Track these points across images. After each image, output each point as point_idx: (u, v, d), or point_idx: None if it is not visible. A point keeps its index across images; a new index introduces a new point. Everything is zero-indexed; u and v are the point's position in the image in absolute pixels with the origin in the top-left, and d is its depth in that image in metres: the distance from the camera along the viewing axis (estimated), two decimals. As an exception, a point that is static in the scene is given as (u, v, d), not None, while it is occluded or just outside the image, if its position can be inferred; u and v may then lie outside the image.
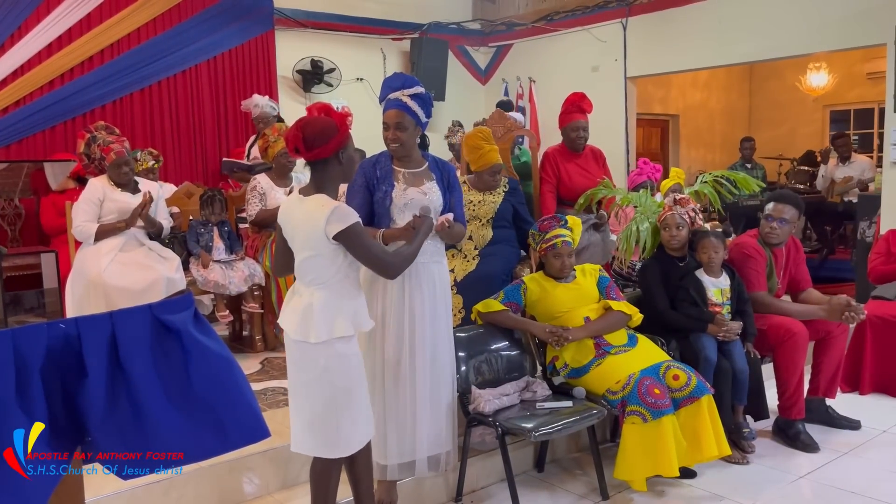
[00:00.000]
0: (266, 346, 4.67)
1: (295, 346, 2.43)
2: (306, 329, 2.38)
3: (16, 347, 1.28)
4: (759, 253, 3.84)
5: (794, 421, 3.72)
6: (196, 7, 6.97)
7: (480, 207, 3.92)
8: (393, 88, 2.89)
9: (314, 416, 2.42)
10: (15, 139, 6.10)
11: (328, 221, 2.33)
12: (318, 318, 2.37)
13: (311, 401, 2.41)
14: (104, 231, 3.99)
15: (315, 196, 2.43)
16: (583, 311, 3.39)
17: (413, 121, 2.87)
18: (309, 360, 2.40)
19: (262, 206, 4.55)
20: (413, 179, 2.90)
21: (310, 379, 2.40)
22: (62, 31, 6.27)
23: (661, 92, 10.01)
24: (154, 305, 1.42)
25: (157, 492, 2.74)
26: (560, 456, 3.65)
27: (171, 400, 1.39)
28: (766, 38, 6.92)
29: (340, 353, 2.40)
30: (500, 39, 9.31)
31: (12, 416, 1.26)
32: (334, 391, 2.39)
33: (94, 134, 4.15)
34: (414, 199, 2.85)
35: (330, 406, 2.40)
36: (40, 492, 1.32)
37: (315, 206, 2.39)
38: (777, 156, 9.75)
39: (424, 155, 3.01)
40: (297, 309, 2.43)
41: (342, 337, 2.40)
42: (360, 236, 2.40)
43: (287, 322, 2.45)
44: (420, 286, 2.84)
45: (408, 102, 2.84)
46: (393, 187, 2.87)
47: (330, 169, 2.45)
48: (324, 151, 2.39)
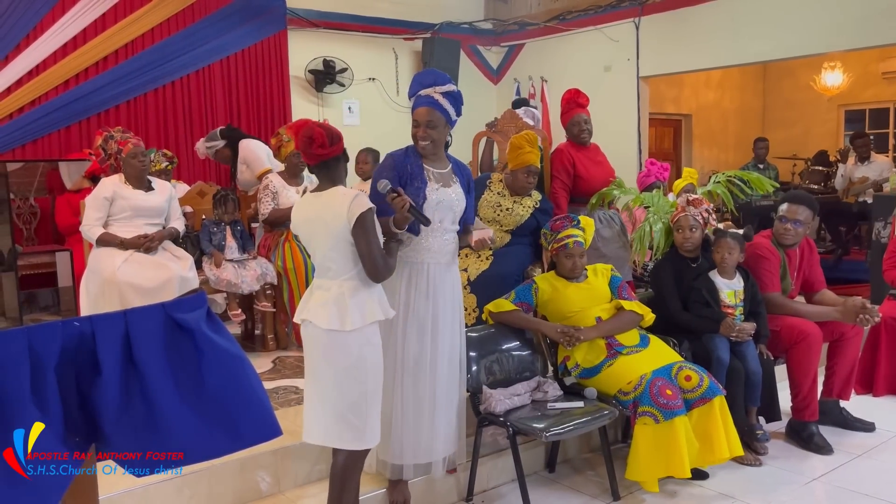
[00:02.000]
0: (278, 345, 4.69)
1: (327, 337, 2.44)
2: (342, 318, 2.42)
3: (31, 345, 1.29)
4: (773, 253, 3.81)
5: (807, 423, 3.70)
6: (209, 7, 7.01)
7: (507, 216, 3.92)
8: (424, 85, 2.83)
9: (345, 408, 2.43)
10: (30, 139, 6.16)
11: (351, 207, 2.40)
12: (352, 305, 2.43)
13: (343, 392, 2.43)
14: (105, 240, 4.02)
15: (334, 188, 2.52)
16: (595, 310, 3.38)
17: (444, 119, 2.81)
18: (343, 349, 2.43)
19: (275, 205, 4.57)
20: (442, 179, 2.86)
21: (344, 368, 2.43)
22: (77, 31, 6.33)
23: (674, 91, 9.97)
24: (167, 304, 1.43)
25: (169, 489, 2.76)
26: (571, 456, 3.64)
27: (183, 398, 1.40)
28: (781, 37, 6.87)
29: (372, 342, 2.47)
30: (512, 39, 9.30)
31: (27, 414, 1.27)
32: (367, 379, 2.44)
33: (111, 133, 4.21)
34: (445, 201, 2.82)
35: (362, 396, 2.44)
36: (54, 489, 1.33)
37: (336, 196, 2.47)
38: (791, 156, 9.68)
39: (447, 156, 2.97)
40: (326, 301, 2.46)
41: (373, 323, 2.47)
42: (372, 225, 2.45)
43: (316, 314, 2.47)
44: (441, 288, 2.84)
45: (439, 100, 2.78)
46: (426, 184, 2.80)
47: (340, 166, 2.57)
48: (338, 149, 2.54)
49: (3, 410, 1.25)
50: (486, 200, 3.96)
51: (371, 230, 2.44)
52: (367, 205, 2.43)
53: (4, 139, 6.04)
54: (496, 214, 3.93)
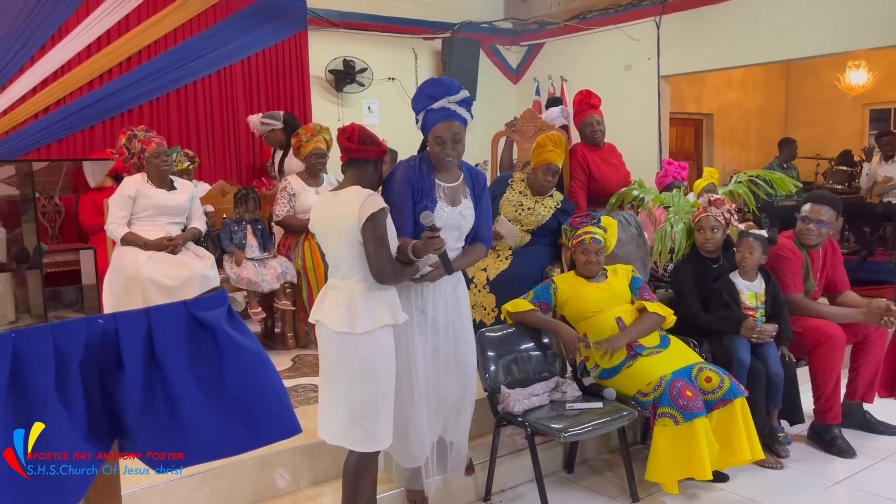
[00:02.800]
0: (297, 344, 4.72)
1: (338, 339, 2.44)
2: (352, 321, 2.41)
3: (56, 342, 1.31)
4: (795, 254, 3.77)
5: (830, 426, 3.66)
6: (231, 8, 7.06)
7: (528, 216, 3.92)
8: (435, 97, 2.63)
9: (356, 410, 2.43)
10: (55, 139, 6.25)
11: (362, 206, 2.38)
12: (363, 308, 2.41)
13: (355, 394, 2.43)
14: (129, 240, 4.07)
15: (350, 188, 2.49)
16: (614, 311, 3.36)
17: (464, 128, 2.69)
18: (354, 352, 2.42)
19: (291, 207, 4.59)
20: (452, 196, 2.73)
21: (355, 370, 2.42)
22: (101, 32, 6.40)
23: (695, 91, 9.88)
24: (189, 302, 1.44)
25: (189, 486, 2.78)
26: (590, 457, 3.62)
27: (205, 395, 1.41)
28: (804, 35, 6.79)
29: (383, 345, 2.45)
30: (531, 38, 9.28)
31: (52, 410, 1.29)
32: (378, 382, 2.43)
33: (135, 132, 4.27)
34: (452, 221, 2.69)
35: (373, 398, 2.43)
36: (77, 487, 1.35)
37: (350, 195, 2.45)
38: (814, 155, 9.56)
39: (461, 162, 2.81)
40: (338, 303, 2.46)
41: (385, 326, 2.44)
42: (382, 227, 2.42)
43: (328, 316, 2.47)
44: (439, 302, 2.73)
45: (457, 110, 2.64)
46: (435, 204, 2.66)
47: (367, 171, 2.54)
48: (369, 152, 2.53)
49: (29, 406, 1.27)
50: (508, 199, 3.96)
51: (380, 232, 2.41)
52: (378, 205, 2.40)
53: (30, 139, 6.13)
54: (517, 214, 3.93)
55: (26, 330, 1.30)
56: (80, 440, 1.33)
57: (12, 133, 6.05)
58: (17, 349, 1.27)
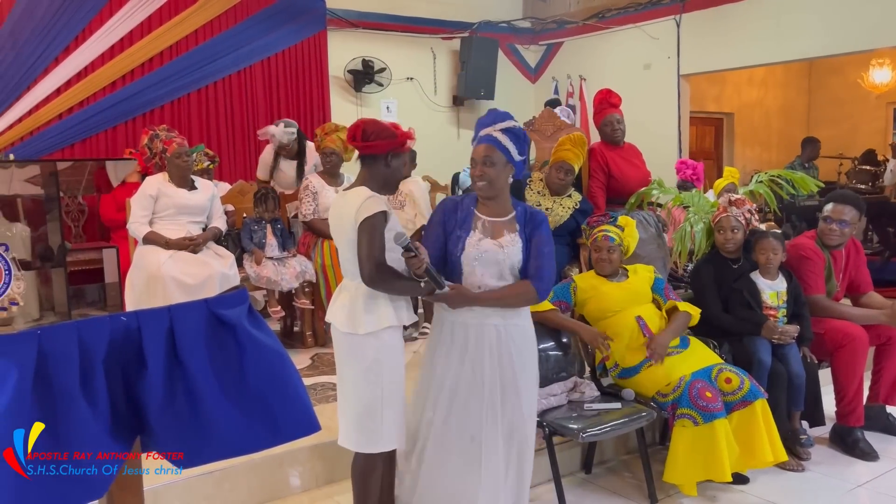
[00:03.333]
0: (316, 342, 4.74)
1: (344, 340, 2.46)
2: (356, 321, 2.41)
3: (80, 339, 1.33)
4: (817, 254, 3.73)
5: (852, 428, 3.62)
6: (251, 9, 7.12)
7: (546, 216, 3.92)
8: (484, 125, 2.57)
9: (361, 410, 2.43)
10: (79, 139, 6.34)
11: (360, 208, 2.37)
12: (365, 309, 2.41)
13: (359, 394, 2.43)
14: (151, 239, 4.12)
15: (356, 189, 2.48)
16: (634, 310, 3.34)
17: (503, 157, 2.49)
18: (359, 353, 2.42)
19: (316, 206, 4.63)
20: (492, 229, 2.53)
21: (360, 371, 2.42)
22: (124, 33, 6.49)
23: (716, 89, 9.80)
24: (210, 300, 1.46)
25: (210, 483, 2.81)
26: (608, 458, 3.61)
27: (225, 392, 1.43)
28: (827, 33, 6.71)
29: (389, 346, 2.44)
30: (550, 37, 9.25)
31: (77, 405, 1.31)
32: (382, 383, 2.42)
33: (157, 132, 4.32)
34: (487, 253, 2.49)
35: (377, 399, 2.42)
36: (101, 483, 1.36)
37: (353, 196, 2.44)
38: (837, 155, 9.45)
39: (515, 202, 2.61)
40: (344, 303, 2.47)
41: (390, 327, 2.42)
42: (373, 229, 2.36)
43: (335, 316, 2.49)
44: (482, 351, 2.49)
45: (498, 137, 2.49)
46: (468, 234, 2.52)
47: (377, 168, 2.50)
48: (377, 147, 2.46)
49: (54, 402, 1.29)
50: (527, 199, 3.97)
51: (373, 235, 2.36)
52: (375, 209, 2.36)
53: (54, 139, 6.22)
54: None
55: (52, 327, 1.32)
56: (103, 436, 1.35)
57: (37, 133, 6.15)
58: (43, 346, 1.29)
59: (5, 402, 1.23)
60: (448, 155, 7.34)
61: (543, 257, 2.52)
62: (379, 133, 2.46)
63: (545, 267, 2.52)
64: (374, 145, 2.46)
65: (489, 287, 2.50)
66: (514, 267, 2.51)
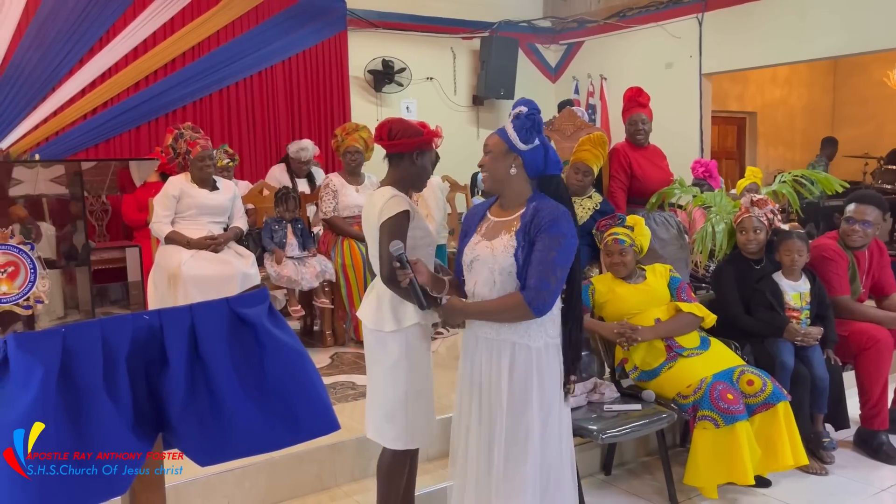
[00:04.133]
0: (336, 341, 4.76)
1: (372, 337, 2.50)
2: (381, 319, 2.44)
3: (104, 337, 1.34)
4: (840, 255, 3.69)
5: (877, 431, 3.57)
6: (272, 10, 7.17)
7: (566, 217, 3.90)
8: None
9: (389, 407, 2.46)
10: (103, 139, 6.42)
11: (383, 208, 2.39)
12: (390, 307, 2.43)
13: (386, 391, 2.46)
14: (173, 239, 4.17)
15: (382, 188, 2.50)
16: (653, 312, 3.32)
17: (505, 145, 2.22)
18: (384, 350, 2.45)
19: (336, 204, 4.65)
20: (493, 230, 2.27)
21: (385, 368, 2.45)
22: (147, 35, 6.56)
23: (738, 88, 9.70)
24: (231, 299, 1.46)
25: (230, 480, 2.83)
26: (628, 459, 3.59)
27: (246, 390, 1.43)
28: (852, 31, 6.62)
29: (413, 344, 2.45)
30: (570, 37, 9.21)
31: (100, 402, 1.32)
32: (409, 379, 2.44)
33: (182, 131, 4.36)
34: (479, 257, 2.25)
35: (404, 396, 2.44)
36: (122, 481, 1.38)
37: (378, 196, 2.47)
38: (863, 154, 9.31)
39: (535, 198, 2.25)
40: (371, 301, 2.51)
41: (414, 325, 2.43)
42: (392, 227, 2.35)
43: (364, 313, 2.53)
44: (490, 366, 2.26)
45: (506, 125, 2.26)
46: (471, 237, 2.33)
47: (404, 166, 2.51)
48: (403, 146, 2.47)
49: (79, 398, 1.31)
50: None
51: (390, 231, 2.34)
52: (397, 208, 2.36)
53: (79, 139, 6.30)
54: None
55: (76, 325, 1.34)
56: (126, 433, 1.36)
57: (62, 134, 6.23)
58: (67, 344, 1.30)
59: (30, 398, 1.25)
60: (467, 155, 7.32)
61: (538, 264, 2.13)
62: (405, 131, 2.47)
63: (536, 275, 2.12)
64: (401, 143, 2.47)
65: (481, 296, 2.24)
66: (505, 272, 2.19)
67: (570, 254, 2.18)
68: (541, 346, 2.21)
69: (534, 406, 2.20)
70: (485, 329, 2.26)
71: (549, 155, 2.26)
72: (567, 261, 2.17)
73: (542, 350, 2.21)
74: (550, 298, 2.16)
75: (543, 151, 2.24)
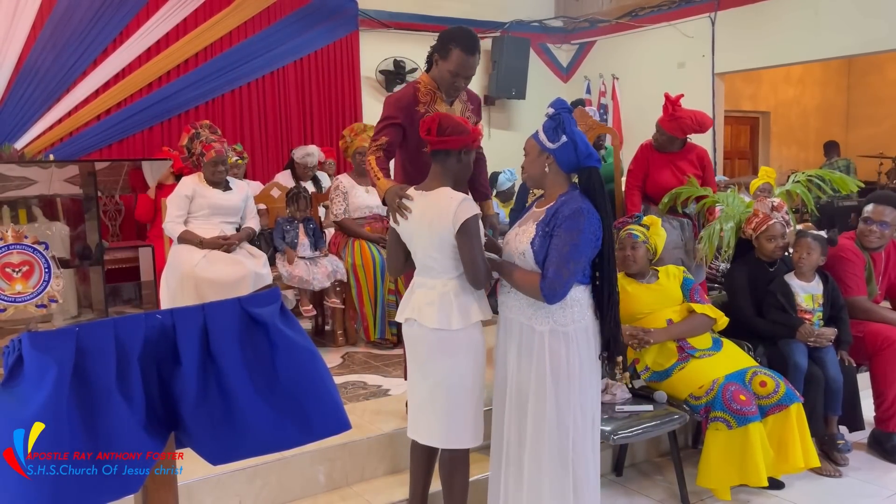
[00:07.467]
0: (347, 341, 4.77)
1: (433, 336, 2.43)
2: (448, 317, 2.41)
3: (117, 336, 1.35)
4: (857, 256, 3.66)
5: (891, 433, 3.54)
6: (284, 10, 7.20)
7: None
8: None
9: (451, 406, 2.43)
10: (116, 139, 6.47)
11: (457, 211, 2.36)
12: (457, 305, 2.41)
13: (449, 390, 2.43)
14: (186, 238, 4.20)
15: (441, 189, 2.46)
16: (665, 312, 3.31)
17: (538, 146, 2.43)
18: (449, 348, 2.42)
19: (346, 205, 4.66)
20: (526, 220, 2.50)
21: (451, 366, 2.42)
22: (160, 36, 6.60)
23: (751, 88, 9.65)
24: (243, 299, 1.47)
25: (241, 479, 2.84)
26: (639, 460, 3.58)
27: (257, 389, 1.44)
28: (867, 30, 6.57)
29: (476, 340, 2.46)
30: (582, 36, 9.19)
31: (113, 401, 1.33)
32: (472, 376, 2.44)
33: (199, 130, 4.39)
34: (509, 241, 2.51)
35: (467, 394, 2.43)
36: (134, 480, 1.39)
37: (443, 196, 2.42)
38: (878, 154, 9.24)
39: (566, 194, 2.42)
40: (432, 301, 2.45)
41: (476, 322, 2.45)
42: (476, 231, 2.39)
43: (423, 313, 2.46)
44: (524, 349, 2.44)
45: (539, 128, 2.46)
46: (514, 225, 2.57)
47: (450, 163, 2.48)
48: (452, 143, 2.45)
49: (92, 397, 1.32)
50: None
51: (475, 236, 2.38)
52: (472, 210, 2.37)
53: (93, 139, 6.35)
54: None
55: (89, 324, 1.35)
56: (139, 431, 1.37)
57: (76, 134, 6.28)
58: (81, 342, 1.31)
59: (44, 397, 1.26)
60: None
61: (554, 256, 2.30)
62: (454, 128, 2.44)
63: (553, 266, 2.30)
64: (449, 140, 2.44)
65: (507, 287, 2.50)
66: (522, 256, 2.39)
67: (586, 248, 2.33)
68: (561, 328, 2.39)
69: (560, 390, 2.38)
70: (506, 311, 2.49)
71: (580, 148, 2.39)
72: (580, 255, 2.33)
73: (571, 335, 2.39)
74: (561, 290, 2.33)
75: (573, 147, 2.38)
